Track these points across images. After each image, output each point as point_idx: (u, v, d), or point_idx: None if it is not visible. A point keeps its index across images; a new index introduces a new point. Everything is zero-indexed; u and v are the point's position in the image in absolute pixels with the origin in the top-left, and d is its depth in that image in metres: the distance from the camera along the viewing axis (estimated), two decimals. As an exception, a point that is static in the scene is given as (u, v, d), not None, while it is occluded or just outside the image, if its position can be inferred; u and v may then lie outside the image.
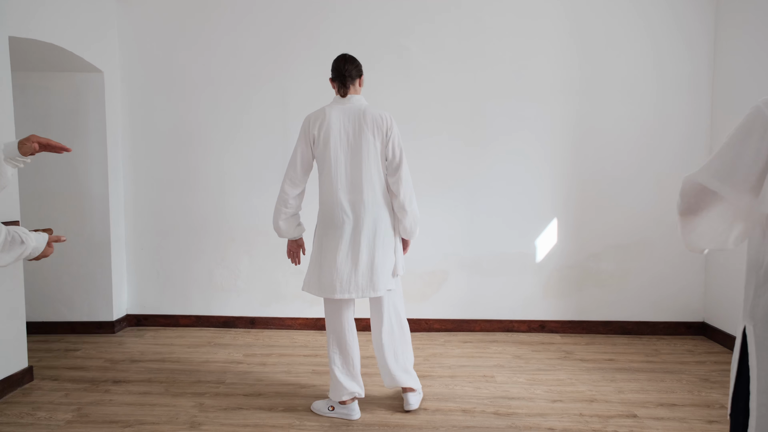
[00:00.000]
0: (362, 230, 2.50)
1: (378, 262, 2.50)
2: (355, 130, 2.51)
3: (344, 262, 2.49)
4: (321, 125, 2.53)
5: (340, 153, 2.51)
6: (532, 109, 3.86)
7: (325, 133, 2.52)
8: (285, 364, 3.30)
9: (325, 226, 2.57)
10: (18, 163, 1.85)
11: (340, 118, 2.52)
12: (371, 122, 2.50)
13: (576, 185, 3.89)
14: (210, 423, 2.53)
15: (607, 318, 3.93)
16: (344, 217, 2.50)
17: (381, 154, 2.53)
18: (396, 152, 2.53)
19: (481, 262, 3.95)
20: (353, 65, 2.56)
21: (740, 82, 3.50)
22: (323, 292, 2.53)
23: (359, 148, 2.50)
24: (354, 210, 2.51)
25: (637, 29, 3.78)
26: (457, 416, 2.59)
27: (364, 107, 2.53)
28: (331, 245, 2.52)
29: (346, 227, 2.50)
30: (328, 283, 2.50)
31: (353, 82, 2.56)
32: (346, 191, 2.51)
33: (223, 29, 3.93)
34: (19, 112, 3.72)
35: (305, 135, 2.58)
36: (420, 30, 3.85)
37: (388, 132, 2.52)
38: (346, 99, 2.56)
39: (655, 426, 2.49)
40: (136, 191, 4.06)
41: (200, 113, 3.98)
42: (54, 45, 3.26)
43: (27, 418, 2.59)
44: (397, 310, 2.66)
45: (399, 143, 2.54)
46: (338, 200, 2.51)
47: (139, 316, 4.11)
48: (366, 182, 2.50)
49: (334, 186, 2.52)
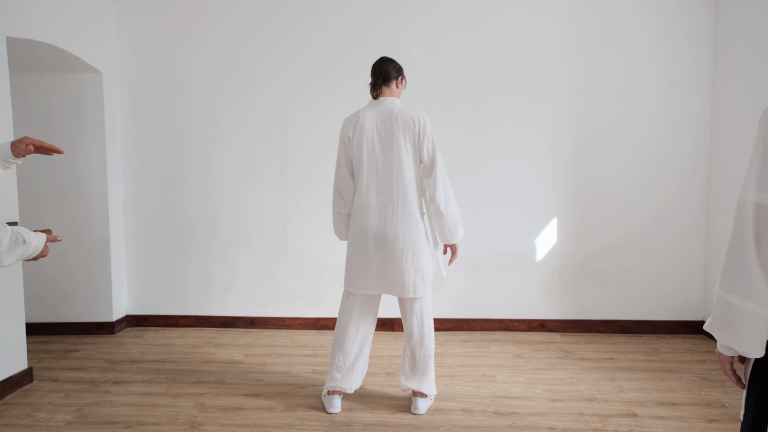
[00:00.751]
0: (390, 233, 2.51)
1: (407, 264, 2.51)
2: (386, 133, 2.51)
3: (370, 261, 2.53)
4: (355, 127, 2.55)
5: (371, 155, 2.52)
6: (531, 109, 3.86)
7: (358, 136, 2.54)
8: (285, 364, 3.30)
9: (356, 226, 2.59)
10: (9, 164, 1.84)
11: (373, 119, 2.53)
12: (402, 124, 2.50)
13: (576, 184, 3.89)
14: (210, 423, 2.53)
15: (607, 317, 3.93)
16: (372, 219, 2.52)
17: (413, 156, 2.52)
18: (429, 154, 2.52)
19: (481, 261, 3.95)
20: (387, 66, 2.56)
21: (740, 81, 3.50)
22: (347, 285, 2.61)
23: (390, 150, 2.51)
24: (382, 212, 2.52)
25: (637, 28, 3.78)
26: (458, 416, 2.59)
27: (396, 109, 2.53)
28: (360, 244, 2.56)
29: (373, 229, 2.52)
30: (352, 277, 2.59)
31: (387, 83, 2.57)
32: (375, 193, 2.53)
33: (221, 29, 3.92)
34: (18, 113, 3.71)
35: (342, 138, 2.61)
36: (418, 29, 3.85)
37: (421, 134, 2.51)
38: (378, 101, 2.56)
39: (655, 425, 2.49)
40: (136, 191, 4.06)
41: (199, 113, 3.98)
42: (52, 45, 3.25)
43: (27, 420, 2.58)
44: (422, 314, 2.61)
45: (433, 145, 2.53)
46: (368, 202, 2.53)
47: (139, 316, 4.11)
48: (396, 185, 2.51)
49: (365, 188, 2.54)
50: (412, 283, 2.53)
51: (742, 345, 1.15)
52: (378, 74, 2.56)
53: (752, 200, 1.10)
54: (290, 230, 4.00)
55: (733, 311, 1.13)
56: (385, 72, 2.56)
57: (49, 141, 3.81)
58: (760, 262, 1.09)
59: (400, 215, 2.51)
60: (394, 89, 2.60)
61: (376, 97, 2.57)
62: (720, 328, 1.18)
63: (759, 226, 1.09)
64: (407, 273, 2.52)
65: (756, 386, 1.18)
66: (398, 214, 2.51)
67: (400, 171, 2.50)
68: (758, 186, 1.10)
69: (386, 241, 2.51)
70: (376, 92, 2.57)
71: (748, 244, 1.10)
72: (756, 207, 1.10)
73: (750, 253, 1.10)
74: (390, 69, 2.57)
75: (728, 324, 1.15)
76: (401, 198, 2.51)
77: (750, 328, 1.12)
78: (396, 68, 2.59)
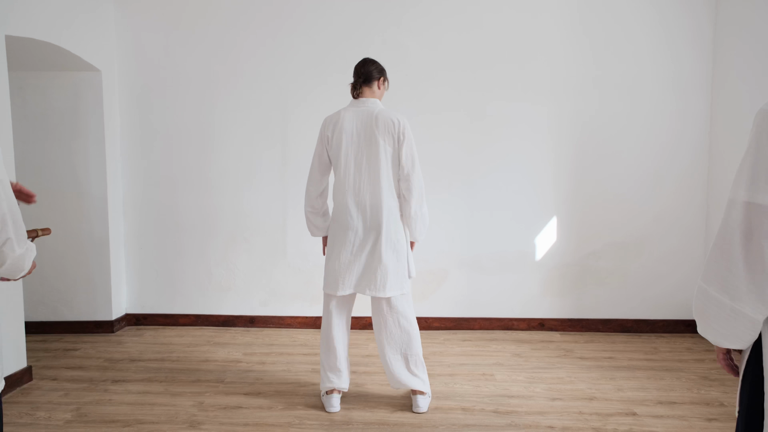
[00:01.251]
0: (368, 232, 2.54)
1: (386, 263, 2.52)
2: (366, 134, 2.52)
3: (349, 262, 2.54)
4: (334, 127, 2.55)
5: (350, 156, 2.53)
6: (531, 107, 3.86)
7: (337, 136, 2.54)
8: (284, 363, 3.30)
9: (335, 226, 2.62)
10: None
11: (353, 120, 2.53)
12: (382, 126, 2.50)
13: (576, 183, 3.89)
14: (210, 422, 2.53)
15: (606, 316, 3.93)
16: (350, 220, 2.54)
17: (392, 158, 2.53)
18: (407, 158, 2.53)
19: (481, 260, 3.95)
20: (369, 67, 2.56)
21: (739, 79, 3.50)
22: (327, 287, 2.61)
23: (369, 151, 2.51)
24: (361, 212, 2.53)
25: (636, 26, 3.78)
26: (457, 415, 2.59)
27: (377, 110, 2.53)
28: (338, 244, 2.58)
29: (352, 229, 2.54)
30: (332, 280, 2.58)
31: (369, 84, 2.57)
32: (353, 194, 2.53)
33: (221, 28, 3.92)
34: (17, 112, 3.71)
35: (321, 136, 2.62)
36: (418, 28, 3.85)
37: (401, 136, 2.52)
38: (359, 101, 2.57)
39: (654, 424, 2.49)
40: (135, 190, 4.05)
41: (198, 111, 3.98)
42: (51, 44, 3.25)
43: (26, 418, 2.58)
44: (405, 313, 2.62)
45: (411, 148, 2.54)
46: (346, 202, 2.55)
47: (138, 315, 4.11)
48: (374, 186, 2.52)
49: (344, 188, 2.55)
50: (392, 282, 2.53)
51: (717, 336, 1.20)
52: (360, 74, 2.56)
53: (742, 198, 1.12)
54: (289, 229, 3.99)
55: (710, 303, 1.17)
56: (366, 72, 2.55)
57: (48, 140, 3.81)
58: (746, 259, 1.11)
59: (379, 214, 2.52)
60: (376, 90, 2.60)
61: (357, 97, 2.58)
62: (699, 318, 1.23)
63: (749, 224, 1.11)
64: (389, 271, 2.52)
65: (750, 378, 1.19)
66: (377, 214, 2.52)
67: (377, 172, 2.51)
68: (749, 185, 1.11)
69: (366, 240, 2.53)
70: (356, 92, 2.57)
71: (735, 241, 1.12)
72: (745, 206, 1.11)
73: (736, 251, 1.12)
74: (372, 70, 2.56)
75: (706, 315, 1.19)
76: (378, 198, 2.52)
77: (725, 322, 1.15)
78: (378, 69, 2.59)
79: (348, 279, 2.55)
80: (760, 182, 1.09)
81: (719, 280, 1.15)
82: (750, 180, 1.11)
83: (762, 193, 1.09)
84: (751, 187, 1.11)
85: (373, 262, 2.52)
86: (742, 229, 1.11)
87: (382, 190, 2.52)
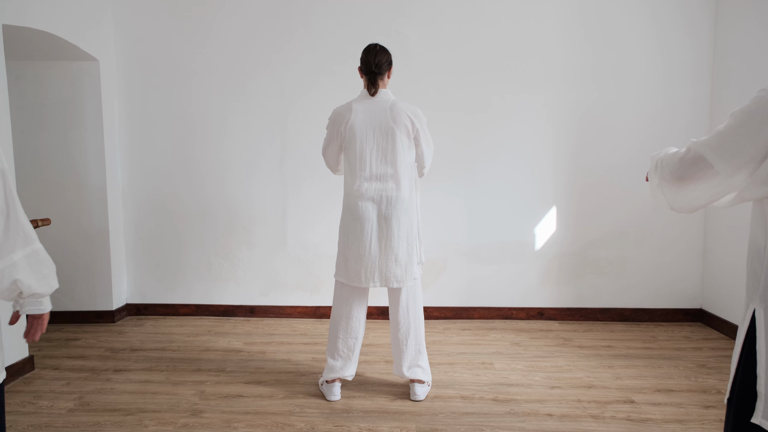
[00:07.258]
0: (384, 223, 2.54)
1: (402, 253, 2.54)
2: (381, 126, 2.51)
3: (368, 253, 2.54)
4: (348, 120, 2.54)
5: (366, 147, 2.52)
6: (531, 97, 3.84)
7: (350, 129, 2.53)
8: (285, 352, 3.32)
9: (348, 216, 2.60)
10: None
11: (367, 113, 2.52)
12: (398, 117, 2.50)
13: (575, 173, 3.89)
14: (211, 411, 2.55)
15: (605, 305, 3.95)
16: (366, 210, 2.53)
17: (408, 148, 2.55)
18: (424, 147, 2.59)
19: (480, 250, 3.96)
20: (381, 58, 2.51)
21: (740, 69, 3.48)
22: (350, 280, 2.60)
23: (385, 143, 2.51)
24: (377, 203, 2.53)
25: (637, 15, 3.75)
26: (456, 403, 2.61)
27: (391, 102, 2.52)
28: (355, 236, 2.57)
29: (368, 219, 2.54)
30: (354, 272, 2.57)
31: (381, 76, 2.54)
32: (370, 184, 2.53)
33: (219, 16, 3.89)
34: (15, 102, 3.69)
35: (332, 128, 2.61)
36: (418, 17, 3.82)
37: (415, 126, 2.53)
38: (373, 95, 2.54)
39: (652, 411, 2.51)
40: (134, 180, 4.05)
41: (198, 101, 3.96)
42: (49, 33, 3.22)
43: (29, 407, 2.60)
44: (416, 301, 2.66)
45: (426, 137, 2.58)
46: (362, 193, 2.54)
47: (139, 305, 4.12)
48: (390, 177, 2.52)
49: (359, 179, 2.54)
50: (405, 271, 2.55)
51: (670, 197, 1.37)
52: (372, 65, 2.50)
53: (698, 147, 1.24)
54: (289, 219, 4.00)
55: (700, 163, 1.24)
56: (378, 64, 2.51)
57: (47, 130, 3.80)
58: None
59: (395, 206, 2.53)
60: (386, 80, 2.58)
61: (374, 94, 2.54)
62: (666, 167, 1.33)
63: (696, 172, 1.25)
64: (404, 260, 2.55)
65: (744, 362, 1.21)
66: (394, 205, 2.53)
67: (393, 162, 2.51)
68: (714, 146, 1.21)
69: (381, 230, 2.53)
70: (374, 89, 2.53)
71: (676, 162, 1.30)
72: (697, 155, 1.24)
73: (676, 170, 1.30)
74: (383, 62, 2.52)
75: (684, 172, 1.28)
76: (395, 188, 2.53)
77: (702, 187, 1.26)
78: (388, 60, 2.56)
79: (369, 271, 2.55)
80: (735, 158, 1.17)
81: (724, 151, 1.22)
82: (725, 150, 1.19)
83: (715, 155, 1.19)
84: (711, 145, 1.21)
85: (390, 254, 2.53)
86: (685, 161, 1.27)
87: (399, 180, 2.53)
